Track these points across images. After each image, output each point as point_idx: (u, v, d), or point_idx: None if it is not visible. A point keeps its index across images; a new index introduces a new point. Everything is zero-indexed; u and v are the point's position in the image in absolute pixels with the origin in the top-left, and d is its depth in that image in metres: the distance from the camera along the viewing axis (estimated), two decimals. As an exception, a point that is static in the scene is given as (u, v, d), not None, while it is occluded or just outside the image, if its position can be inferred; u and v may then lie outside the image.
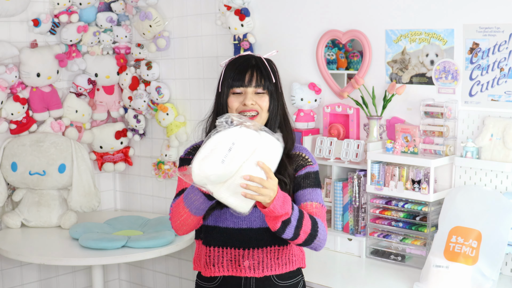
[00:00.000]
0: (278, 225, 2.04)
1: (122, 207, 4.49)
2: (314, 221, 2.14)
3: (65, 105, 4.04)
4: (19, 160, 3.76)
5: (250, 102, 2.21)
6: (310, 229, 2.12)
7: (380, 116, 3.08)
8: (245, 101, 2.21)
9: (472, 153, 2.80)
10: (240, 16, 3.50)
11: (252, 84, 2.22)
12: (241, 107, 2.22)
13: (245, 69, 2.23)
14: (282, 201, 2.01)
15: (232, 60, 2.30)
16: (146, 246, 3.45)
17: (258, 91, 2.23)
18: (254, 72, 2.23)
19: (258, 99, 2.23)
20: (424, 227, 2.86)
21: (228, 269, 2.27)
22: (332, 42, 3.33)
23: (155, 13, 3.90)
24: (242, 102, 2.22)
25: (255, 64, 2.25)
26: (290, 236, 2.09)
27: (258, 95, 2.23)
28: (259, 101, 2.23)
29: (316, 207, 2.23)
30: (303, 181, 2.27)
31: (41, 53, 3.83)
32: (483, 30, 2.78)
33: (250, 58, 2.28)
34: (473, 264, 2.56)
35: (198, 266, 2.37)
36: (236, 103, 2.23)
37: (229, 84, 2.23)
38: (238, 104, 2.22)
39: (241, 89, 2.22)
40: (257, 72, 2.23)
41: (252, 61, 2.26)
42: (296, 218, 2.07)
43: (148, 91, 4.05)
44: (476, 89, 2.84)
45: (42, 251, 3.47)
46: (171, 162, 4.07)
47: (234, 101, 2.23)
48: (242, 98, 2.23)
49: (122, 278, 4.48)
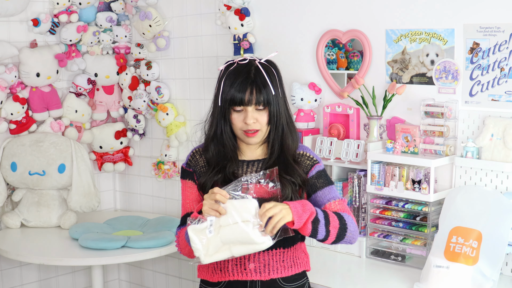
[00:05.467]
0: (309, 227, 2.12)
1: (122, 207, 4.49)
2: (340, 215, 2.21)
3: (65, 105, 4.04)
4: (19, 160, 3.76)
5: (252, 121, 2.23)
6: (338, 223, 2.19)
7: (380, 116, 3.08)
8: (245, 120, 2.23)
9: (473, 153, 2.79)
10: (240, 16, 3.50)
11: (252, 102, 2.22)
12: (244, 126, 2.24)
13: (245, 87, 2.22)
14: (300, 205, 2.11)
15: (231, 71, 2.26)
16: (146, 246, 3.45)
17: (259, 108, 2.23)
18: (254, 89, 2.22)
19: (259, 116, 2.24)
20: (424, 227, 2.86)
21: (234, 274, 2.27)
22: (332, 42, 3.32)
23: (155, 13, 3.90)
24: (243, 120, 2.24)
25: (254, 79, 2.23)
26: (324, 235, 2.16)
27: (259, 111, 2.24)
28: (260, 117, 2.24)
29: (338, 203, 2.29)
30: (317, 181, 2.31)
31: (41, 53, 3.83)
32: (483, 30, 2.77)
33: (249, 70, 2.25)
34: (474, 264, 2.56)
35: (203, 273, 2.35)
36: (240, 122, 2.24)
37: (231, 101, 2.23)
38: (241, 123, 2.24)
39: (241, 107, 2.23)
40: (256, 90, 2.22)
41: (251, 74, 2.24)
42: (323, 216, 2.16)
43: (148, 91, 4.05)
44: (476, 89, 2.84)
45: (41, 251, 3.46)
46: (171, 162, 4.07)
47: (237, 119, 2.25)
48: (243, 116, 2.24)
49: (122, 278, 4.48)
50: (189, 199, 2.31)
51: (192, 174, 2.33)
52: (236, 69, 2.26)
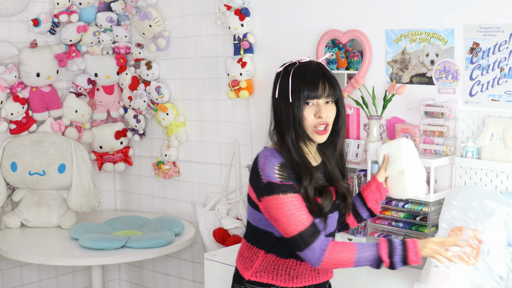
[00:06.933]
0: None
1: (122, 207, 4.49)
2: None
3: (65, 105, 4.04)
4: (19, 160, 3.76)
5: (325, 114, 2.21)
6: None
7: (380, 116, 3.08)
8: (320, 113, 2.20)
9: (473, 153, 2.79)
10: (240, 16, 3.50)
11: (324, 95, 2.20)
12: (316, 121, 2.21)
13: (317, 80, 2.20)
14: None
15: (298, 68, 2.24)
16: (146, 246, 3.45)
17: (328, 100, 2.22)
18: (326, 82, 2.21)
19: (328, 110, 2.22)
20: (424, 227, 2.86)
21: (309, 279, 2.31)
22: (332, 42, 3.32)
23: (155, 13, 3.90)
24: (316, 114, 2.21)
25: (322, 73, 2.23)
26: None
27: (327, 105, 2.22)
28: (329, 112, 2.23)
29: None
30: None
31: (41, 53, 3.83)
32: (483, 30, 2.77)
33: (315, 66, 2.24)
34: (473, 264, 2.56)
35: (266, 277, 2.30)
36: (312, 117, 2.21)
37: (305, 97, 2.19)
38: (313, 118, 2.21)
39: (314, 101, 2.21)
40: (328, 83, 2.21)
41: (318, 69, 2.23)
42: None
43: (148, 91, 4.05)
44: (476, 89, 2.84)
45: (42, 251, 3.46)
46: (171, 162, 4.07)
47: (309, 114, 2.21)
48: (315, 110, 2.21)
49: (122, 278, 4.48)
50: (304, 209, 2.16)
51: (293, 186, 2.18)
52: (302, 65, 2.24)
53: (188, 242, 3.67)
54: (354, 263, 2.14)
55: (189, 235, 3.73)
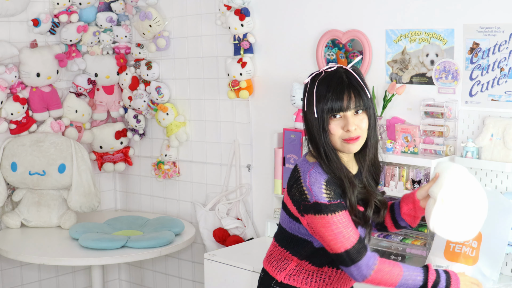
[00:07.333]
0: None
1: (122, 207, 4.49)
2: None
3: (65, 105, 4.04)
4: (19, 160, 3.76)
5: (353, 127, 2.09)
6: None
7: (380, 116, 3.08)
8: (347, 127, 2.08)
9: (472, 153, 2.79)
10: (240, 16, 3.50)
11: (351, 107, 2.09)
12: (344, 134, 2.11)
13: (342, 91, 2.08)
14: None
15: (322, 79, 2.12)
16: (146, 246, 3.45)
17: (357, 112, 2.11)
18: (352, 93, 2.09)
19: (359, 121, 2.10)
20: (424, 227, 2.86)
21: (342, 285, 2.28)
22: (332, 42, 3.32)
23: (155, 13, 3.90)
24: (344, 128, 2.11)
25: (348, 82, 2.11)
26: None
27: (357, 116, 2.10)
28: (360, 123, 2.10)
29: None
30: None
31: (41, 53, 3.83)
32: (483, 30, 2.77)
33: (341, 76, 2.11)
34: (473, 264, 2.56)
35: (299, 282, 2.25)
36: (339, 131, 2.11)
37: (329, 110, 2.09)
38: (341, 132, 2.11)
39: (340, 113, 2.10)
40: (354, 93, 2.09)
41: (344, 77, 2.11)
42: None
43: (148, 91, 4.05)
44: (476, 89, 2.84)
45: (42, 251, 3.47)
46: (171, 162, 4.07)
47: (336, 127, 2.11)
48: (343, 123, 2.10)
49: (122, 278, 4.48)
50: (351, 226, 2.09)
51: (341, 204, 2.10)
52: (327, 76, 2.12)
53: (188, 242, 3.67)
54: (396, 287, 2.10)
55: (189, 235, 3.73)
